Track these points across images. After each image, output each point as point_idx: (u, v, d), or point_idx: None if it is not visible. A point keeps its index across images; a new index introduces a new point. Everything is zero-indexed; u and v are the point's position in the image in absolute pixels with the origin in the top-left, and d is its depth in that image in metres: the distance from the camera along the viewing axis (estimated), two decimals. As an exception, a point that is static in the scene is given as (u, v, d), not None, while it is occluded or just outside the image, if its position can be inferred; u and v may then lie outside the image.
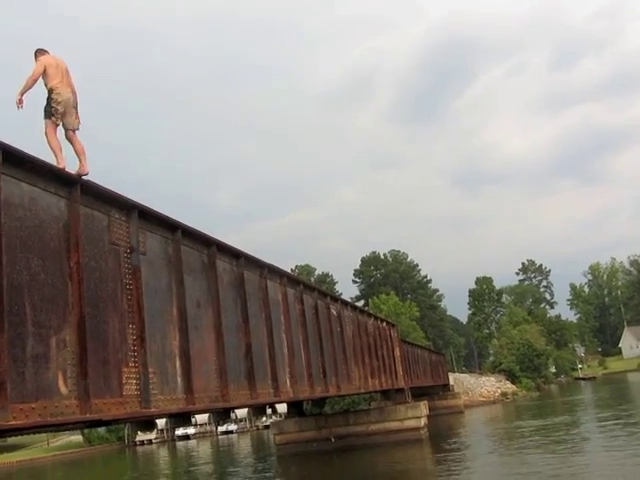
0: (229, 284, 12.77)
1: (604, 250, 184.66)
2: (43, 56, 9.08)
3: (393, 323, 34.75)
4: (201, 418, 65.88)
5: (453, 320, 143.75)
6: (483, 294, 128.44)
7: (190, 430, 67.42)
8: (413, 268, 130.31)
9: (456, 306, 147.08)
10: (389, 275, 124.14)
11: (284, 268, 17.46)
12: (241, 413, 63.05)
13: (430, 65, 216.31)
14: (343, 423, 29.24)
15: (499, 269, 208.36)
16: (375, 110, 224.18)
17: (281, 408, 33.05)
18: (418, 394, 39.53)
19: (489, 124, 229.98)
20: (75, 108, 9.17)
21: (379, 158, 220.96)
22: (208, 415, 56.82)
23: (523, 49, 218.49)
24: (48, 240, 7.51)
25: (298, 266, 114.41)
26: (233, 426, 67.66)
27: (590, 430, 26.51)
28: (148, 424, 11.48)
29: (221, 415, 16.15)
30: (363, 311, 28.55)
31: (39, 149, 7.51)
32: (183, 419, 12.24)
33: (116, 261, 8.86)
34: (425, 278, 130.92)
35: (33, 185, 7.42)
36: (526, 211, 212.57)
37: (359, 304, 77.66)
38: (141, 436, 67.76)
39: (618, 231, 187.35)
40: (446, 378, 57.40)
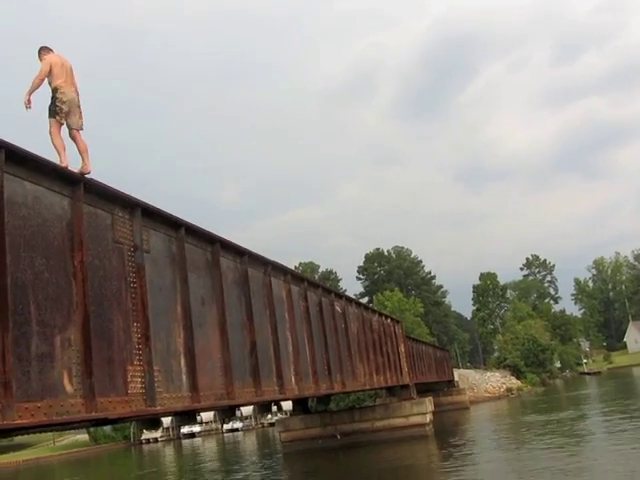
0: (233, 282, 12.75)
1: (608, 244, 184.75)
2: (48, 55, 9.02)
3: (397, 319, 34.70)
4: (206, 416, 65.74)
5: (457, 316, 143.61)
6: (487, 290, 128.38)
7: (196, 428, 67.59)
8: (417, 264, 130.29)
9: (460, 302, 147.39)
10: (393, 271, 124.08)
11: (288, 266, 17.44)
12: (246, 411, 63.26)
13: (432, 61, 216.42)
14: (348, 420, 29.20)
15: (503, 264, 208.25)
16: (377, 106, 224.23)
17: (286, 405, 33.11)
18: (423, 390, 39.45)
19: (491, 120, 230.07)
20: (79, 107, 9.16)
21: (382, 154, 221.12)
22: (213, 413, 56.76)
23: (525, 43, 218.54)
24: (52, 239, 7.49)
25: (302, 263, 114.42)
26: (238, 424, 67.79)
27: (596, 425, 26.47)
28: (154, 422, 11.49)
29: (226, 413, 16.16)
30: (367, 308, 28.50)
31: (42, 148, 7.48)
32: (188, 417, 12.23)
33: (120, 259, 8.84)
34: (429, 274, 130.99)
35: (36, 184, 7.40)
36: (530, 206, 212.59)
37: (363, 301, 77.56)
38: (147, 434, 67.95)
39: (622, 225, 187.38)
40: (451, 374, 57.34)
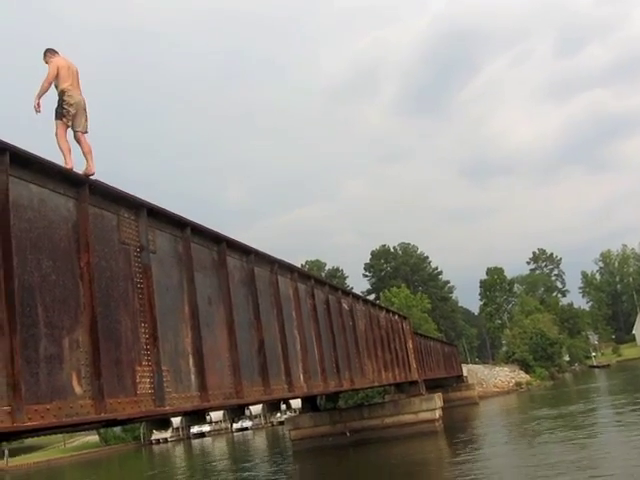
0: (240, 281, 12.75)
1: (615, 237, 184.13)
2: (55, 58, 9.08)
3: (405, 316, 34.68)
4: (216, 415, 66.09)
5: (465, 311, 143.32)
6: (494, 284, 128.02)
7: (205, 428, 67.67)
8: (423, 260, 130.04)
9: (467, 297, 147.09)
10: (399, 268, 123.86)
11: (294, 264, 17.41)
12: (255, 410, 63.39)
13: (433, 57, 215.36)
14: (358, 417, 29.20)
15: (510, 259, 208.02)
16: (380, 103, 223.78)
17: (295, 404, 33.15)
18: (432, 386, 39.43)
19: (495, 114, 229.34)
20: (85, 110, 9.20)
21: (385, 151, 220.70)
22: (223, 412, 57.10)
23: (527, 37, 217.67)
24: (58, 241, 7.50)
25: (308, 261, 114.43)
26: (248, 423, 67.87)
27: (606, 418, 26.37)
28: (163, 423, 11.55)
29: (236, 412, 16.23)
30: (375, 304, 28.49)
31: (44, 150, 7.47)
32: (198, 417, 12.26)
33: (126, 260, 8.84)
34: (436, 270, 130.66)
35: (42, 186, 7.41)
36: (535, 200, 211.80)
37: (370, 298, 77.62)
38: (157, 435, 68.08)
39: (628, 218, 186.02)
40: (459, 369, 57.27)
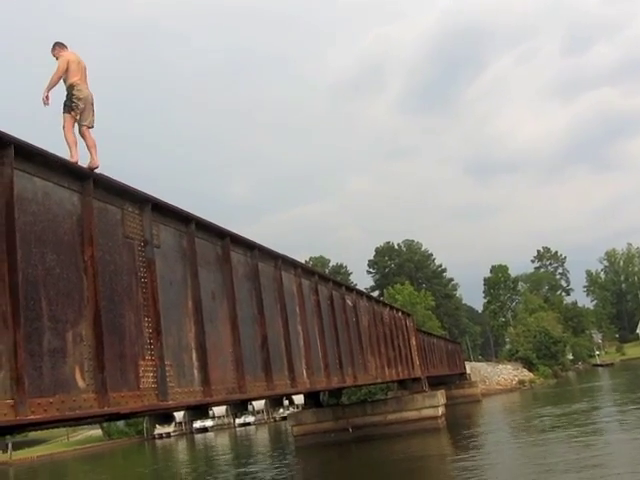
0: (244, 276, 12.74)
1: (620, 236, 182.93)
2: (64, 52, 9.13)
3: (409, 313, 34.67)
4: (219, 410, 66.25)
5: (469, 309, 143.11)
6: (498, 282, 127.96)
7: (208, 423, 67.88)
8: (427, 257, 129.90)
9: (471, 295, 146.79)
10: (403, 265, 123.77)
11: (298, 260, 17.40)
12: (258, 405, 63.44)
13: (440, 54, 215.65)
14: (360, 413, 29.21)
15: (514, 257, 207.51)
16: (386, 100, 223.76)
17: (298, 399, 33.11)
18: (435, 383, 39.37)
19: (501, 112, 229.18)
20: (92, 105, 9.25)
21: (391, 148, 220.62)
22: (226, 407, 57.11)
23: (534, 35, 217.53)
24: (62, 234, 7.49)
25: (312, 258, 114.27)
26: (251, 418, 68.01)
27: (610, 417, 26.31)
28: (166, 417, 11.56)
29: (238, 407, 16.22)
30: (378, 301, 28.48)
31: (49, 143, 7.47)
32: (201, 411, 12.28)
33: (130, 254, 8.84)
34: (440, 267, 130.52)
35: (46, 180, 7.40)
36: (540, 198, 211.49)
37: (374, 294, 77.60)
38: (159, 429, 68.24)
39: (634, 217, 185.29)
40: (463, 367, 57.24)
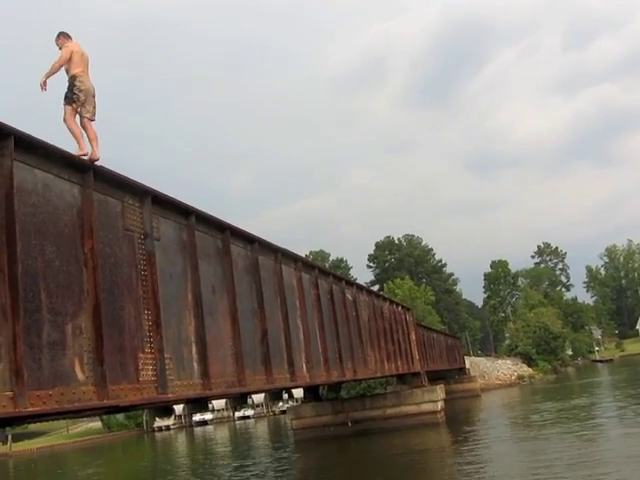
0: (244, 269, 12.73)
1: (620, 232, 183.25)
2: (69, 42, 9.09)
3: (408, 307, 34.68)
4: (218, 404, 66.29)
5: (468, 304, 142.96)
6: (499, 277, 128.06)
7: (207, 416, 67.98)
8: (428, 252, 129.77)
9: (471, 290, 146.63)
10: (404, 260, 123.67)
11: (299, 254, 17.39)
12: (258, 398, 63.46)
13: (442, 48, 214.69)
14: (360, 407, 29.26)
15: (514, 252, 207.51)
16: (388, 94, 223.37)
17: (297, 393, 33.14)
18: (434, 378, 39.47)
19: (502, 107, 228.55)
20: (94, 97, 9.21)
21: (392, 142, 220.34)
22: (225, 401, 57.18)
23: (536, 29, 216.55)
24: (62, 227, 7.48)
25: (312, 252, 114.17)
26: (250, 411, 68.10)
27: (609, 412, 26.33)
28: (166, 410, 11.56)
29: (238, 400, 16.23)
30: (378, 295, 28.48)
31: (46, 134, 7.44)
32: (200, 405, 12.28)
33: (130, 247, 8.83)
34: (440, 262, 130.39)
35: (46, 171, 7.38)
36: (541, 194, 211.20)
37: (374, 289, 77.63)
38: (159, 422, 68.32)
39: (635, 213, 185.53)
40: (462, 362, 57.31)
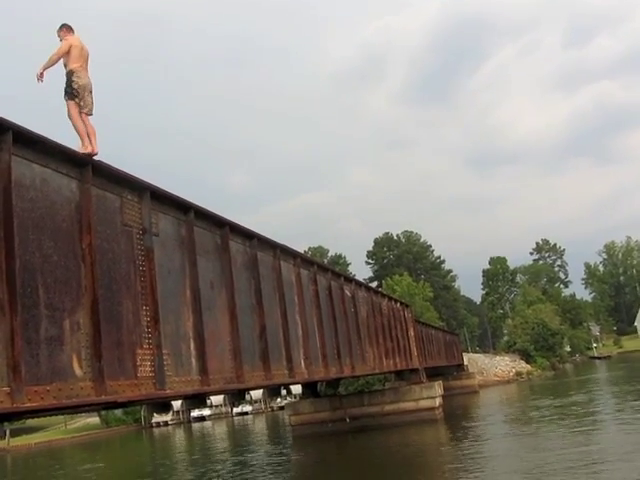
0: (242, 265, 12.70)
1: (619, 229, 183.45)
2: (70, 36, 9.02)
3: (407, 304, 34.68)
4: (216, 399, 66.32)
5: (467, 300, 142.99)
6: (497, 274, 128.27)
7: (205, 412, 68.01)
8: (426, 249, 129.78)
9: (470, 286, 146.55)
10: (402, 256, 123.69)
11: (298, 250, 17.37)
12: (256, 394, 63.61)
13: (442, 44, 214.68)
14: (358, 404, 29.26)
15: (513, 249, 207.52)
16: (388, 90, 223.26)
17: (295, 389, 33.19)
18: (432, 374, 39.48)
19: (502, 104, 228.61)
20: (91, 93, 9.15)
21: (392, 138, 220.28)
22: (223, 397, 57.23)
23: (536, 26, 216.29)
24: (60, 222, 7.44)
25: (311, 248, 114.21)
26: (248, 407, 68.21)
27: (607, 409, 26.38)
28: (164, 406, 11.55)
29: (236, 396, 16.18)
30: (377, 292, 28.47)
31: (48, 129, 7.40)
32: (198, 400, 12.27)
33: (129, 243, 8.79)
34: (438, 259, 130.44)
35: (44, 166, 7.33)
36: (540, 191, 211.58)
37: (372, 285, 77.62)
38: (157, 418, 68.43)
39: (634, 210, 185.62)
40: (460, 358, 57.37)
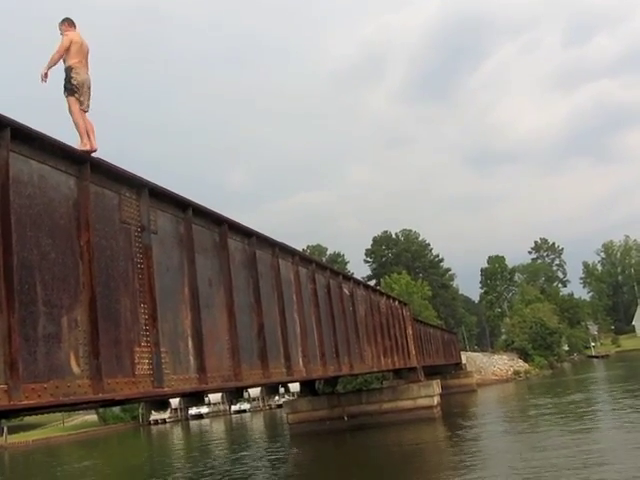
0: (241, 263, 12.68)
1: (618, 228, 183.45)
2: (70, 31, 8.95)
3: (405, 302, 34.66)
4: (214, 397, 66.24)
5: (465, 299, 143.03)
6: (495, 273, 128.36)
7: (203, 409, 67.99)
8: (425, 247, 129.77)
9: (468, 285, 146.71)
10: (401, 254, 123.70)
11: (296, 248, 17.35)
12: (254, 392, 63.32)
13: (442, 42, 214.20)
14: (356, 402, 29.26)
15: (512, 248, 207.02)
16: (387, 89, 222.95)
17: (294, 387, 33.13)
18: (430, 373, 39.47)
19: (501, 103, 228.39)
20: (89, 89, 9.11)
21: (392, 137, 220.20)
22: (221, 394, 57.13)
23: (536, 25, 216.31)
24: (58, 219, 7.42)
25: (310, 246, 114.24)
26: (246, 405, 68.21)
27: (605, 408, 26.40)
28: (162, 403, 11.50)
29: (234, 394, 16.17)
30: (375, 290, 28.44)
31: (48, 126, 7.38)
32: (196, 398, 12.21)
33: (127, 240, 8.77)
34: (437, 257, 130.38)
35: (42, 163, 7.32)
36: (539, 190, 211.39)
37: (371, 284, 77.54)
38: (155, 415, 68.39)
39: (632, 209, 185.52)
40: (458, 357, 57.38)
